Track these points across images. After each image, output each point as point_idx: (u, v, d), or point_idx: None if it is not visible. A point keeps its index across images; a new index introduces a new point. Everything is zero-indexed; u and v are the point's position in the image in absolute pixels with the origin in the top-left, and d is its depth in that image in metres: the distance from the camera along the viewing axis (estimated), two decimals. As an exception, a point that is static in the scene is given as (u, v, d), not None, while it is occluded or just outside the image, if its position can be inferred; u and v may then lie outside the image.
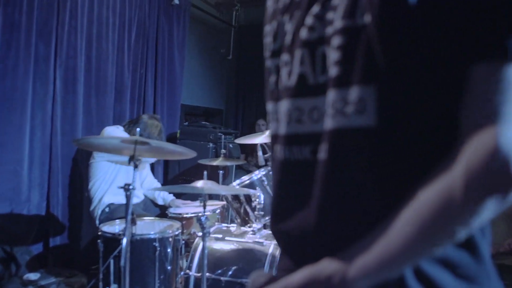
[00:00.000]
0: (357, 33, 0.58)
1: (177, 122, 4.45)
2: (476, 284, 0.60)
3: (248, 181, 2.65)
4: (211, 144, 4.06)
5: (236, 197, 2.65)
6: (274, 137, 0.74)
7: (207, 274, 2.33)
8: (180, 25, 4.37)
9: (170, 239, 2.36)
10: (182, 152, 2.08)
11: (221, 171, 3.37)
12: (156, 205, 3.26)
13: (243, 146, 4.42)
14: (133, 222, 2.11)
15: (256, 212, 2.52)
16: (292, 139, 0.69)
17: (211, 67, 5.75)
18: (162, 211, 3.16)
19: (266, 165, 2.76)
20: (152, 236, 2.26)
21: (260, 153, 2.73)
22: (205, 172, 2.33)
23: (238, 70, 6.17)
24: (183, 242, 2.57)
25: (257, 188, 2.58)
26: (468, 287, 0.59)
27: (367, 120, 0.58)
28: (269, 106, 0.77)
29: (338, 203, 0.62)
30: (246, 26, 6.14)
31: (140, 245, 2.25)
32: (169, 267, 2.36)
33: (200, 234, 2.16)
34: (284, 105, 0.70)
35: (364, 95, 0.58)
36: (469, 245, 0.59)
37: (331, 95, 0.61)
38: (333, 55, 0.61)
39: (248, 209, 2.61)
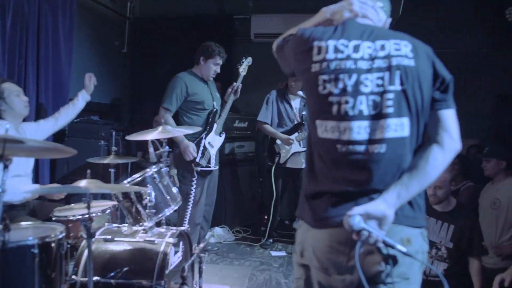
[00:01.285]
0: (398, 93, 1.35)
1: (65, 118, 4.13)
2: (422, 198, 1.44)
3: (139, 179, 2.56)
4: (102, 142, 3.85)
5: (126, 196, 2.55)
6: (337, 141, 1.39)
7: (97, 278, 2.22)
8: (66, 14, 4.05)
9: (53, 244, 2.18)
10: (60, 150, 1.93)
11: (112, 169, 3.21)
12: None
13: (140, 143, 4.27)
14: (6, 228, 1.92)
15: (147, 210, 2.45)
16: (352, 142, 1.36)
17: (104, 60, 5.45)
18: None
19: (158, 161, 2.68)
20: (30, 243, 2.07)
21: (151, 149, 2.65)
22: (88, 171, 2.20)
23: (134, 64, 5.94)
24: (69, 246, 2.41)
25: (148, 185, 2.51)
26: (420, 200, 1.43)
27: (405, 133, 1.36)
28: (330, 123, 1.40)
29: (389, 171, 1.36)
30: (141, 18, 5.93)
31: (16, 254, 2.04)
32: (52, 275, 2.18)
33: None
34: (348, 124, 1.37)
35: (405, 122, 1.36)
36: None
37: (388, 121, 1.35)
38: (387, 102, 1.35)
39: (140, 208, 2.53)
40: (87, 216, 1.98)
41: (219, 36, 5.65)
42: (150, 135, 2.73)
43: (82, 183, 2.03)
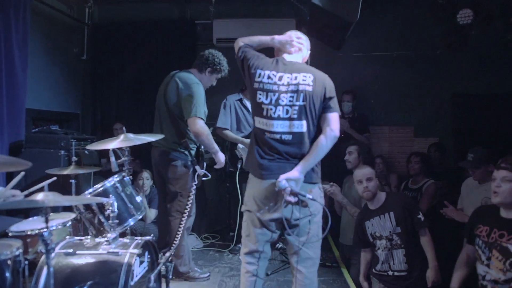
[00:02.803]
0: (301, 106, 2.28)
1: (22, 128, 3.97)
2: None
3: (101, 189, 2.51)
4: (62, 152, 3.73)
5: (88, 207, 2.48)
6: (265, 130, 2.31)
7: (58, 294, 2.13)
8: (19, 20, 3.90)
9: (9, 262, 2.09)
10: (14, 163, 1.85)
11: (73, 180, 3.11)
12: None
13: (104, 152, 4.16)
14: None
15: (110, 221, 2.39)
16: (273, 132, 2.30)
17: (63, 68, 5.29)
18: None
19: (121, 171, 2.62)
20: (-17, 261, 1.98)
21: (112, 158, 2.60)
22: (45, 183, 2.12)
23: (94, 71, 5.80)
24: (27, 262, 2.31)
25: (110, 195, 2.45)
26: (317, 167, 2.38)
27: (304, 130, 2.29)
28: (262, 119, 2.32)
29: (293, 150, 2.30)
30: (101, 24, 5.80)
31: (-31, 273, 1.95)
32: (9, 293, 2.09)
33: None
34: (271, 121, 2.29)
35: (304, 123, 2.29)
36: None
37: (294, 122, 2.28)
38: (294, 111, 2.29)
39: (102, 219, 2.47)
40: (46, 229, 1.90)
41: (182, 41, 5.62)
42: (112, 144, 2.67)
43: (40, 196, 1.96)
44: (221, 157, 3.44)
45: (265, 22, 5.29)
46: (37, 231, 2.55)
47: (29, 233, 2.54)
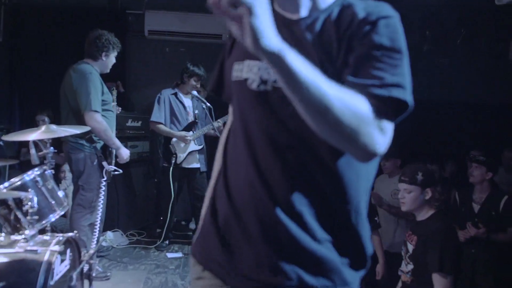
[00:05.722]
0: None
1: None
2: None
3: (19, 183, 2.34)
4: (-27, 142, 3.43)
5: (3, 202, 2.31)
6: None
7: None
8: None
9: None
10: None
11: (-15, 173, 2.87)
12: None
13: (24, 144, 3.88)
14: None
15: (29, 217, 2.24)
16: None
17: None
18: None
19: (42, 163, 2.47)
20: None
21: (33, 151, 2.43)
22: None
23: (12, 54, 5.36)
24: None
25: (30, 190, 2.30)
26: None
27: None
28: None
29: None
30: (21, 4, 5.36)
31: None
32: None
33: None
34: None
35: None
36: None
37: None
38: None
39: (20, 215, 2.30)
40: None
41: (111, 30, 5.36)
42: (32, 135, 2.50)
43: None
44: (123, 153, 3.43)
45: (200, 17, 5.24)
46: None
47: None
